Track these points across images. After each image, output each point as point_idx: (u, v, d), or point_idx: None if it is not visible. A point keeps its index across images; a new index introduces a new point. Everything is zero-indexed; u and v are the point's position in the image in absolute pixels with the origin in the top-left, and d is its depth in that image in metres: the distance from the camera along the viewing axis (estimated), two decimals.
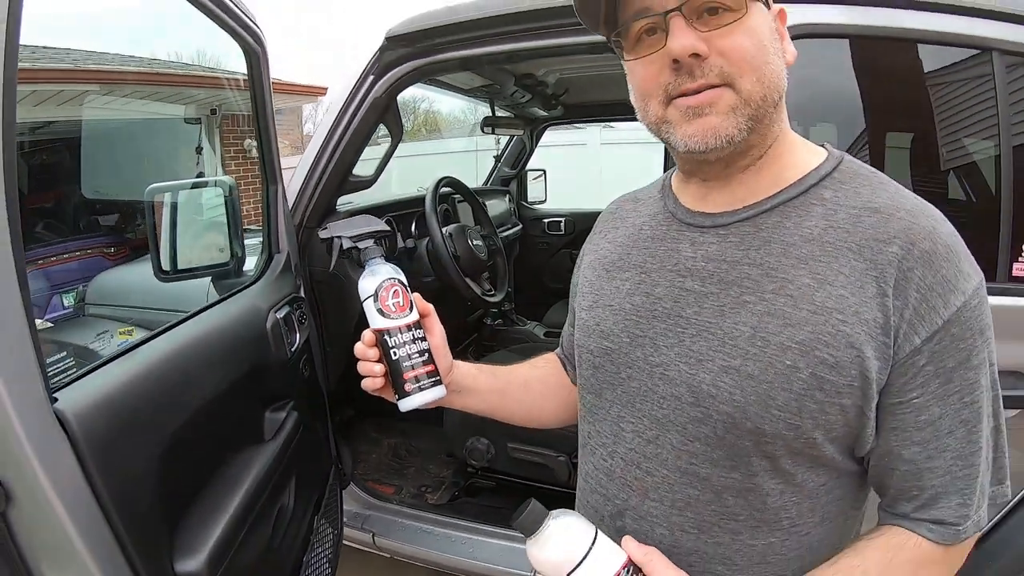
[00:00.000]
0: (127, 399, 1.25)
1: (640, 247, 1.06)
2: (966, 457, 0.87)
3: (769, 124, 0.91)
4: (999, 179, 1.83)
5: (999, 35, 1.80)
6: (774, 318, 0.87)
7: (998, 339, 1.72)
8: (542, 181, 5.23)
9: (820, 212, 0.90)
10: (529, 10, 2.05)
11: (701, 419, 0.92)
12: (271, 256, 2.12)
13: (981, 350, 0.86)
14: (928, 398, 0.86)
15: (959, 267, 0.85)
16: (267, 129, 2.07)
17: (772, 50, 0.88)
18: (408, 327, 1.09)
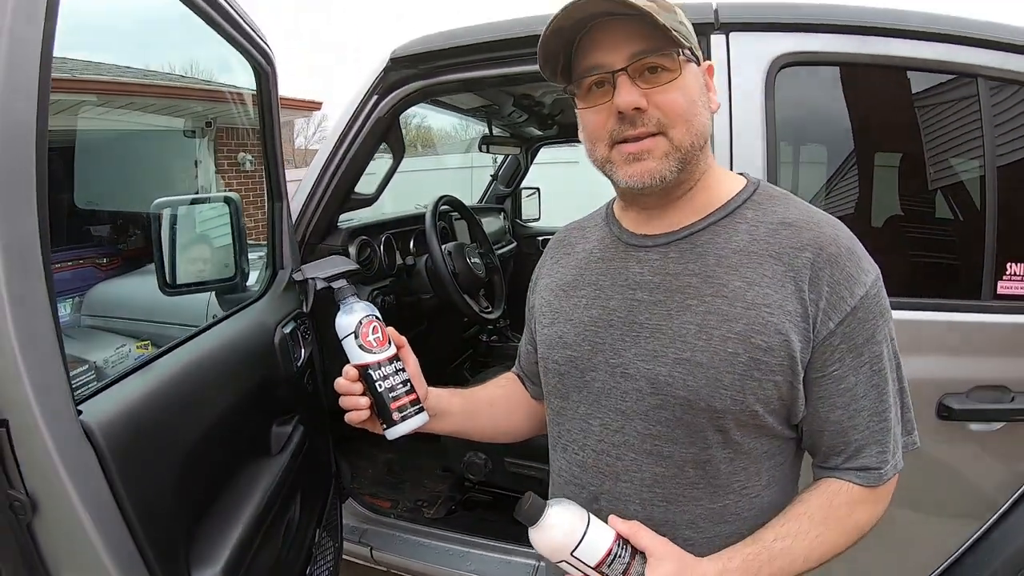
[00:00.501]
0: (147, 411, 1.28)
1: (592, 268, 1.24)
2: (880, 414, 1.09)
3: (696, 163, 1.11)
4: (984, 200, 1.90)
5: (983, 62, 1.89)
6: (714, 315, 1.06)
7: (983, 355, 1.87)
8: (536, 199, 5.28)
9: (744, 228, 1.11)
10: (532, 35, 2.08)
11: (661, 405, 1.10)
12: (275, 272, 2.13)
13: (882, 328, 1.08)
14: (845, 370, 1.07)
15: (859, 264, 1.06)
16: (274, 147, 2.09)
17: (701, 103, 1.09)
18: (390, 360, 1.20)
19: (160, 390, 1.34)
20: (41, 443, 1.01)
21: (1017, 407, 1.86)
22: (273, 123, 2.07)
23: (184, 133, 9.04)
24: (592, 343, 1.17)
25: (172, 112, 8.86)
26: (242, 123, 9.08)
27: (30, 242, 1.00)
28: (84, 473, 1.09)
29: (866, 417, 1.08)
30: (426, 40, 2.29)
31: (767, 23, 1.95)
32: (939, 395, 1.86)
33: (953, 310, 1.91)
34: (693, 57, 1.09)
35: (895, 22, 1.92)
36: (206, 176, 9.33)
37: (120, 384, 1.28)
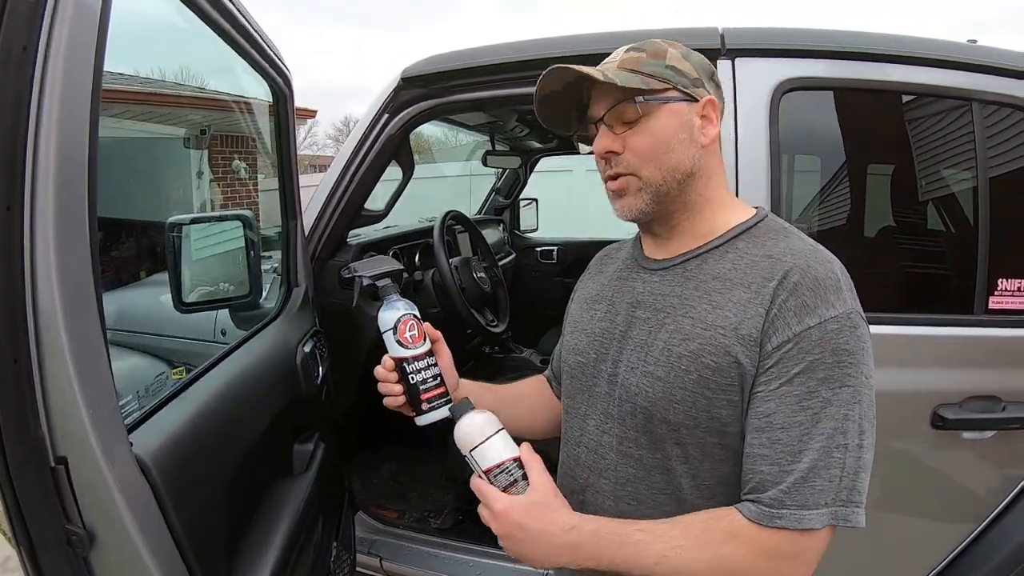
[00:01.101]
0: (190, 437, 1.31)
1: (611, 285, 1.35)
2: (795, 455, 1.03)
3: (678, 196, 1.19)
4: (976, 219, 1.96)
5: (977, 86, 1.95)
6: (678, 334, 1.14)
7: (977, 367, 1.94)
8: (533, 209, 5.30)
9: (731, 258, 1.17)
10: (542, 58, 2.13)
11: (631, 412, 1.19)
12: (290, 289, 2.17)
13: (830, 368, 1.03)
14: (768, 393, 1.06)
15: (823, 297, 1.06)
16: (290, 166, 2.14)
17: (677, 140, 1.16)
18: (423, 355, 1.31)
19: (200, 415, 1.38)
20: (100, 477, 1.03)
21: (1008, 416, 1.91)
22: (290, 143, 2.12)
23: (184, 142, 9.04)
24: (598, 352, 1.28)
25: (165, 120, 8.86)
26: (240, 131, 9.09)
27: (84, 275, 1.02)
28: (140, 504, 1.11)
29: (778, 451, 1.04)
30: (437, 60, 2.33)
31: (772, 49, 2.00)
32: (933, 406, 1.91)
33: (948, 324, 1.97)
34: (684, 96, 1.17)
35: (896, 48, 1.97)
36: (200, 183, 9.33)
37: (162, 412, 1.31)
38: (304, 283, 2.20)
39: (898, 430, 1.94)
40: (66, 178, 0.98)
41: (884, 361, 1.74)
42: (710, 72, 1.22)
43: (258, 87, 2.04)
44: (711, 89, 1.20)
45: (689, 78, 1.18)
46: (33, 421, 0.96)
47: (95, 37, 1.02)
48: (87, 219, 1.03)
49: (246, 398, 1.61)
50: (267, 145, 7.47)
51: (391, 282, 1.40)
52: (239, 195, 10.00)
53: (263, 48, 1.82)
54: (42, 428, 0.97)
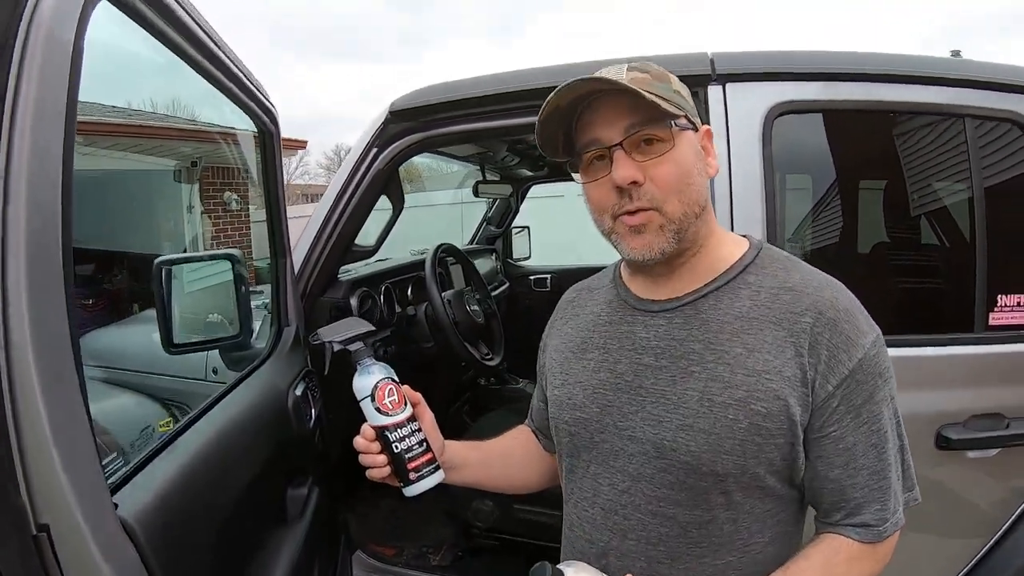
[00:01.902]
0: (178, 494, 1.26)
1: (600, 331, 1.27)
2: (879, 472, 1.10)
3: (695, 232, 1.14)
4: (974, 234, 1.95)
5: (968, 101, 1.95)
6: (716, 382, 1.09)
7: (978, 386, 1.92)
8: (526, 236, 5.28)
9: (747, 294, 1.14)
10: (531, 89, 2.11)
11: (666, 469, 1.12)
12: (281, 329, 2.13)
13: (881, 388, 1.10)
14: (843, 430, 1.09)
15: (858, 327, 1.09)
16: (278, 204, 2.10)
17: (696, 171, 1.12)
18: (406, 421, 1.24)
19: (188, 469, 1.33)
20: (83, 545, 0.98)
21: (1012, 433, 1.90)
22: (277, 181, 2.09)
23: (174, 175, 9.03)
24: (601, 405, 1.20)
25: (157, 152, 8.85)
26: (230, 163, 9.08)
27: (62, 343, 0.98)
28: (127, 570, 1.06)
29: (865, 476, 1.10)
30: (425, 92, 2.31)
31: (763, 72, 1.99)
32: (937, 426, 1.89)
33: (948, 343, 1.96)
34: (690, 124, 1.13)
35: (888, 67, 1.97)
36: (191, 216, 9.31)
37: (148, 468, 1.26)
38: (295, 322, 2.16)
39: None
40: (38, 244, 0.94)
41: None
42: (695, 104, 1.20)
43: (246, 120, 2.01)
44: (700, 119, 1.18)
45: (691, 105, 1.16)
46: (13, 489, 0.92)
47: (67, 75, 0.98)
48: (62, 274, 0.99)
49: (236, 447, 1.56)
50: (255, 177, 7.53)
51: (363, 345, 1.34)
52: (231, 227, 9.97)
53: (247, 86, 1.79)
54: (22, 496, 0.92)
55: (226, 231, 9.87)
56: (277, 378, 1.92)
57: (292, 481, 1.87)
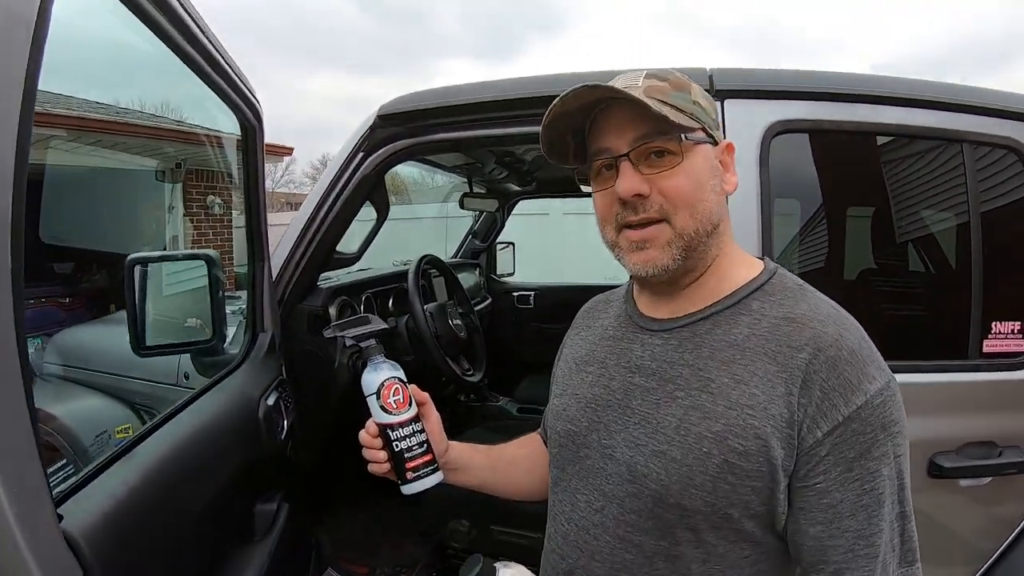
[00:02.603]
0: (131, 507, 1.18)
1: (603, 345, 1.24)
2: (867, 538, 0.98)
3: (704, 250, 1.08)
4: (971, 263, 1.93)
5: (969, 127, 1.93)
6: (696, 411, 1.03)
7: (972, 413, 1.89)
8: (510, 253, 5.25)
9: (746, 321, 1.06)
10: (523, 98, 2.07)
11: (636, 494, 1.07)
12: (255, 335, 2.06)
13: (882, 444, 0.97)
14: (830, 483, 0.97)
15: (863, 371, 0.98)
16: (258, 205, 2.03)
17: (709, 187, 1.07)
18: (408, 421, 1.25)
19: (143, 481, 1.25)
20: (18, 559, 0.88)
21: (1005, 461, 1.88)
22: (258, 180, 2.02)
23: (156, 175, 8.95)
24: (590, 420, 1.17)
25: (141, 151, 8.77)
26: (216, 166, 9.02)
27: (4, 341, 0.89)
28: None
29: (851, 538, 0.98)
30: (415, 98, 2.25)
31: (762, 90, 1.95)
32: (930, 454, 1.86)
33: (942, 370, 1.93)
34: (708, 138, 1.07)
35: (888, 90, 1.95)
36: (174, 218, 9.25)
37: (101, 477, 1.18)
38: (271, 329, 2.09)
39: None
40: None
41: None
42: (717, 115, 1.13)
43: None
44: (720, 132, 1.12)
45: (711, 118, 1.09)
46: None
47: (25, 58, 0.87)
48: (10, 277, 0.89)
49: (201, 457, 1.49)
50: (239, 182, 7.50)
51: (376, 343, 1.36)
52: (212, 231, 9.90)
53: (231, 77, 1.72)
54: None
55: (207, 235, 9.79)
56: (248, 386, 1.85)
57: (261, 495, 1.80)
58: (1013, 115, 1.96)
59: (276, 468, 1.89)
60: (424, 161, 3.71)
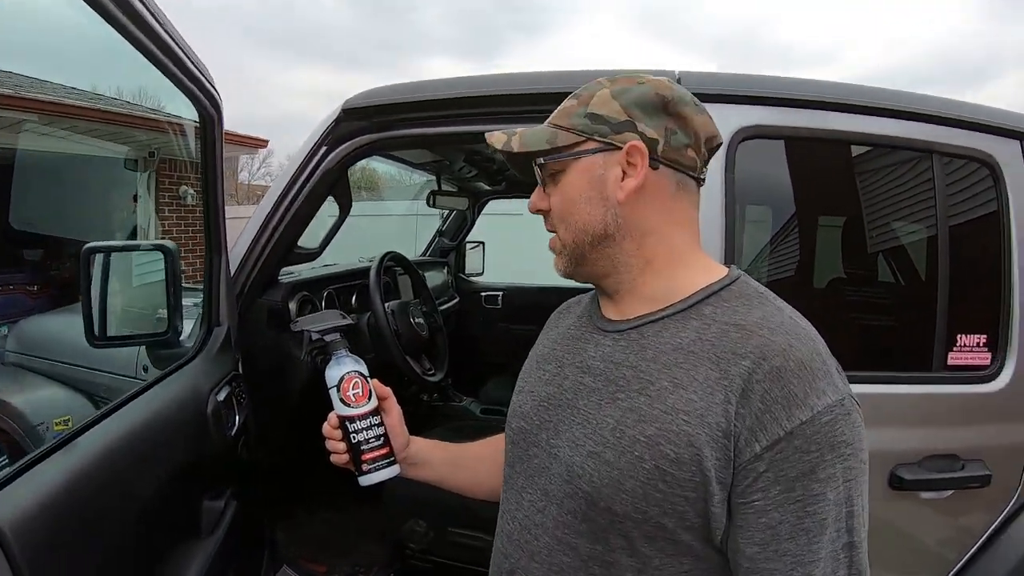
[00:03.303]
0: (69, 500, 1.14)
1: (563, 344, 1.23)
2: (805, 564, 0.91)
3: (598, 259, 1.11)
4: (937, 274, 1.94)
5: (940, 137, 1.94)
6: (633, 413, 1.00)
7: (936, 426, 1.88)
8: (480, 252, 5.24)
9: (696, 326, 1.02)
10: (491, 95, 2.06)
11: (572, 495, 1.05)
12: (211, 329, 2.03)
13: (830, 465, 0.90)
14: (768, 503, 0.91)
15: (811, 384, 0.91)
16: (216, 197, 1.99)
17: (583, 199, 1.08)
18: (366, 415, 1.29)
19: (82, 474, 1.21)
20: None
21: (967, 475, 1.89)
22: (216, 171, 1.98)
23: (125, 163, 8.85)
24: (541, 419, 1.16)
25: (116, 138, 8.67)
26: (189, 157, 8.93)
27: None
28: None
29: (788, 563, 0.91)
30: (380, 92, 2.23)
31: (729, 95, 1.94)
32: (891, 466, 1.86)
33: (906, 382, 1.93)
34: (605, 146, 1.06)
35: (855, 98, 1.95)
36: (145, 208, 9.15)
37: (37, 469, 1.14)
38: (226, 322, 2.05)
39: None
40: None
41: None
42: (654, 106, 1.05)
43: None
44: (651, 127, 1.04)
45: (612, 123, 1.06)
46: None
47: None
48: None
49: (144, 451, 1.45)
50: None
51: (340, 337, 1.41)
52: (184, 223, 9.80)
53: (187, 67, 1.68)
54: None
55: (179, 226, 9.71)
56: (200, 380, 1.81)
57: (208, 492, 1.76)
58: (987, 128, 1.97)
59: (225, 465, 1.85)
60: (390, 157, 3.69)
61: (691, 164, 1.07)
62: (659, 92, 1.05)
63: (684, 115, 1.05)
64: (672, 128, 1.05)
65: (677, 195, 1.08)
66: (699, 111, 1.07)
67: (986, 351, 1.95)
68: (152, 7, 1.42)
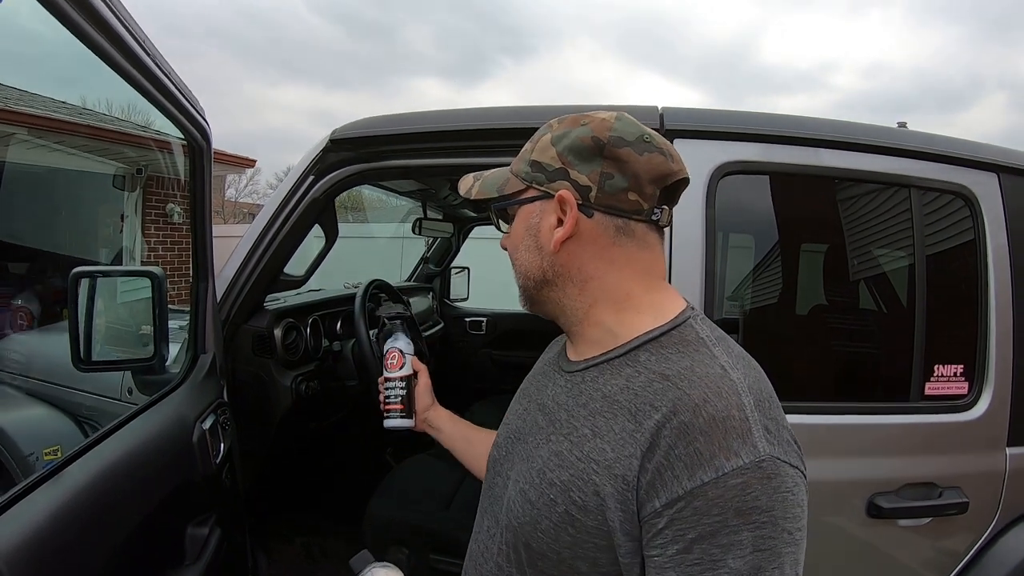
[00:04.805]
0: (55, 532, 1.15)
1: (535, 379, 1.28)
2: None
3: (545, 301, 1.14)
4: (913, 304, 1.96)
5: (916, 172, 1.97)
6: (556, 456, 1.02)
7: (913, 455, 1.90)
8: (465, 278, 5.25)
9: (628, 373, 1.01)
10: (476, 129, 2.08)
11: (507, 527, 1.10)
12: (196, 356, 2.04)
13: (736, 531, 0.83)
14: (666, 561, 0.87)
15: (720, 443, 0.86)
16: (203, 224, 2.01)
17: (522, 246, 1.12)
18: (395, 379, 1.74)
19: (70, 505, 1.22)
20: None
21: (945, 502, 1.90)
22: (204, 199, 2.00)
23: (113, 180, 8.82)
24: (507, 450, 1.21)
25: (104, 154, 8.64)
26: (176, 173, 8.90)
27: None
28: None
29: None
30: (368, 123, 2.25)
31: (711, 131, 1.97)
32: (869, 494, 1.88)
33: (884, 412, 1.96)
34: (543, 194, 1.07)
35: (835, 134, 1.98)
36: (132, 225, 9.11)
37: (26, 500, 1.15)
38: (212, 349, 2.06)
39: (833, 520, 1.91)
40: None
41: (819, 452, 1.76)
42: (589, 151, 1.03)
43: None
44: (584, 173, 1.03)
45: (548, 171, 1.06)
46: None
47: None
48: None
49: (130, 482, 1.46)
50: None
51: (398, 322, 1.94)
52: (171, 240, 9.77)
53: (176, 98, 1.70)
54: None
55: (165, 244, 9.67)
56: (185, 408, 1.82)
57: (193, 519, 1.76)
58: (964, 162, 2.00)
59: (210, 493, 1.85)
60: (377, 186, 3.70)
61: (633, 208, 1.03)
62: (596, 135, 1.02)
63: (622, 157, 1.01)
64: (608, 172, 1.02)
65: (619, 240, 1.05)
66: (644, 150, 1.01)
67: (963, 380, 1.97)
68: (143, 40, 1.44)
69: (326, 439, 3.27)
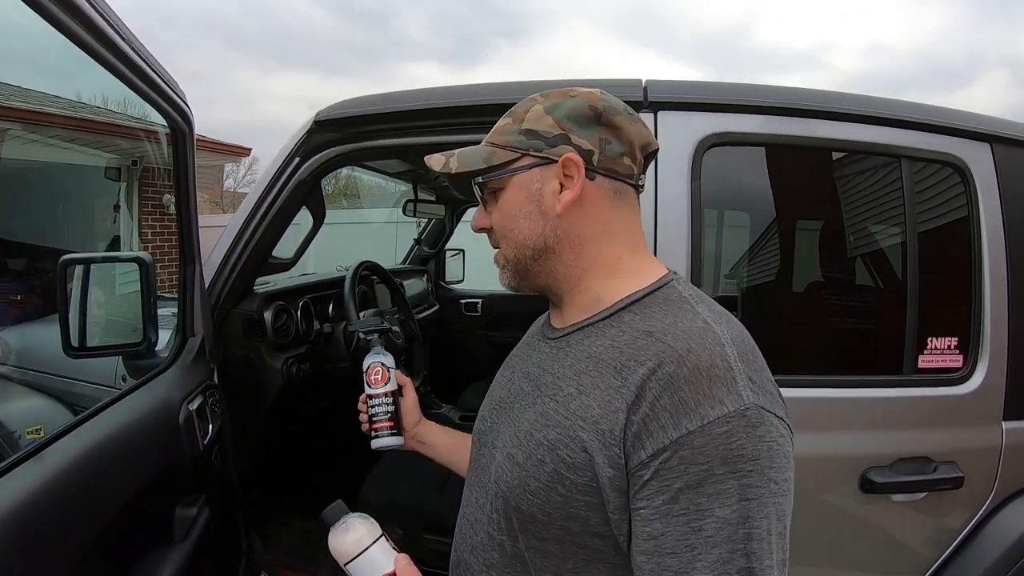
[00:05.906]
0: (38, 509, 1.16)
1: (520, 351, 1.30)
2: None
3: (540, 271, 1.14)
4: (906, 276, 1.95)
5: (906, 142, 1.95)
6: (542, 417, 1.04)
7: (907, 428, 1.89)
8: (460, 260, 5.25)
9: (612, 333, 1.03)
10: (461, 106, 2.07)
11: (496, 494, 1.10)
12: (185, 339, 2.04)
13: (722, 480, 0.84)
14: (652, 512, 0.88)
15: (705, 392, 0.87)
16: (188, 208, 2.01)
17: (521, 214, 1.11)
18: (380, 395, 1.63)
19: (53, 483, 1.22)
20: None
21: (940, 477, 1.89)
22: (188, 183, 2.00)
23: (105, 172, 8.79)
24: (492, 421, 1.22)
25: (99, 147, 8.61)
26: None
27: None
28: None
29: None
30: (352, 103, 2.24)
31: (695, 103, 1.96)
32: (862, 469, 1.87)
33: (877, 385, 1.95)
34: (541, 160, 1.08)
35: (822, 104, 1.96)
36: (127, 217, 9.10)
37: (8, 477, 1.15)
38: (200, 332, 2.07)
39: (825, 495, 1.90)
40: None
41: (810, 426, 1.73)
42: (587, 118, 1.07)
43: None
44: (585, 139, 1.06)
45: (547, 138, 1.08)
46: None
47: None
48: None
49: (113, 462, 1.46)
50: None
51: (376, 336, 1.86)
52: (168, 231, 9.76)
53: (155, 82, 1.68)
54: None
55: (163, 234, 9.66)
56: (172, 390, 1.83)
57: (180, 499, 1.77)
58: (956, 131, 1.98)
59: (197, 473, 1.85)
60: (364, 167, 3.69)
61: (628, 172, 1.09)
62: (591, 104, 1.07)
63: (617, 124, 1.07)
64: (606, 138, 1.07)
65: (615, 203, 1.10)
66: (632, 119, 1.09)
67: (958, 353, 1.96)
68: (116, 24, 1.43)
69: (318, 422, 3.28)
